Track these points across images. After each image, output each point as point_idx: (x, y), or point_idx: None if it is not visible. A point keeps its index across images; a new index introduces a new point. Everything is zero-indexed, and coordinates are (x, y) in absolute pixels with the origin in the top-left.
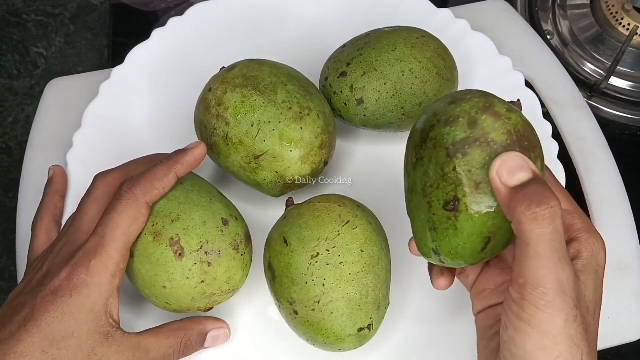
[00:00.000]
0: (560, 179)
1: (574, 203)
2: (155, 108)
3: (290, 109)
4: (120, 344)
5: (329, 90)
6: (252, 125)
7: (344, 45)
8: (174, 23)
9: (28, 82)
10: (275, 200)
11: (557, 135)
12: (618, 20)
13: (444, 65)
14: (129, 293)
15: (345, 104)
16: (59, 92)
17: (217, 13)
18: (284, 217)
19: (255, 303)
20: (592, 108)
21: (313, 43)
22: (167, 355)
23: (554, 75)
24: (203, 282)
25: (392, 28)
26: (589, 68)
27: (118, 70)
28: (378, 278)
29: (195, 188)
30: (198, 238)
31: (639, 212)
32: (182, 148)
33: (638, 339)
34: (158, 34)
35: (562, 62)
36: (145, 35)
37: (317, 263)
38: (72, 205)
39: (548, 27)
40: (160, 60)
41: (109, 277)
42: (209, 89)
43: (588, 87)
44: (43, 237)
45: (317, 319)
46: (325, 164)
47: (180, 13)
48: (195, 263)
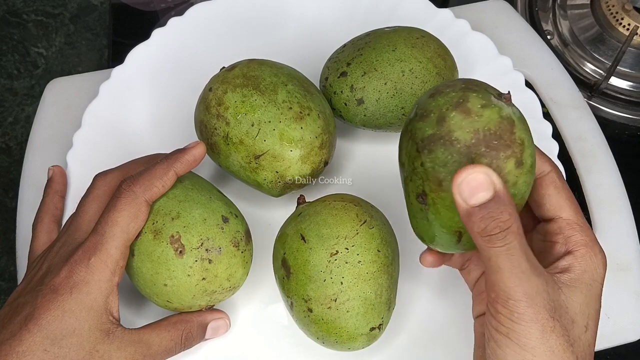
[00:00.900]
0: None
1: (579, 212)
2: (155, 108)
3: (291, 109)
4: (122, 340)
5: (329, 90)
6: (252, 125)
7: (344, 45)
8: (174, 23)
9: (28, 82)
10: (275, 200)
11: (557, 135)
12: (618, 20)
13: (444, 65)
14: (129, 293)
15: (346, 104)
16: (59, 92)
17: (217, 13)
18: (298, 213)
19: (256, 301)
20: (592, 108)
21: (313, 43)
22: (168, 349)
23: (554, 75)
24: (204, 279)
25: (392, 28)
26: (589, 68)
27: (118, 71)
28: (391, 278)
29: (195, 186)
30: (198, 235)
31: (639, 212)
32: (181, 147)
33: (638, 339)
34: (158, 34)
35: (562, 62)
36: (145, 35)
37: (336, 261)
38: (72, 205)
39: (548, 27)
40: (160, 60)
41: (109, 274)
42: (209, 89)
43: (588, 87)
44: (43, 237)
45: (332, 317)
46: (326, 164)
47: (180, 13)
48: (196, 260)
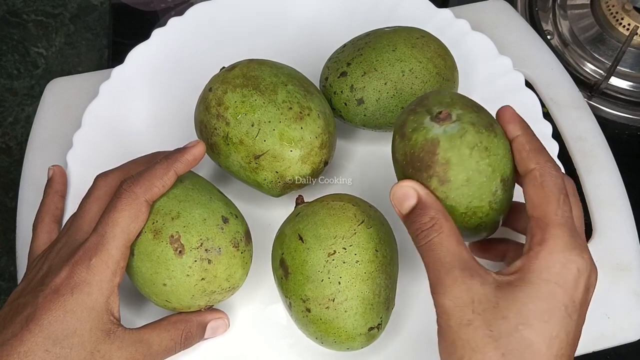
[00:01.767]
0: None
1: (554, 209)
2: (155, 108)
3: (291, 109)
4: (123, 340)
5: (329, 90)
6: (252, 125)
7: (344, 45)
8: (174, 23)
9: (28, 82)
10: (275, 200)
11: (557, 135)
12: (618, 20)
13: (444, 65)
14: (129, 293)
15: (346, 104)
16: (59, 92)
17: (217, 13)
18: (296, 214)
19: (256, 301)
20: (592, 108)
21: (313, 43)
22: (169, 348)
23: (554, 75)
24: (203, 279)
25: (392, 28)
26: (589, 68)
27: (118, 70)
28: (389, 278)
29: (195, 186)
30: (198, 235)
31: (639, 212)
32: (181, 147)
33: (638, 339)
34: (158, 34)
35: (562, 62)
36: (145, 35)
37: (333, 261)
38: (72, 205)
39: (548, 27)
40: (160, 60)
41: (110, 274)
42: (209, 89)
43: (588, 87)
44: (43, 237)
45: (330, 317)
46: (326, 164)
47: (180, 13)
48: (196, 260)
